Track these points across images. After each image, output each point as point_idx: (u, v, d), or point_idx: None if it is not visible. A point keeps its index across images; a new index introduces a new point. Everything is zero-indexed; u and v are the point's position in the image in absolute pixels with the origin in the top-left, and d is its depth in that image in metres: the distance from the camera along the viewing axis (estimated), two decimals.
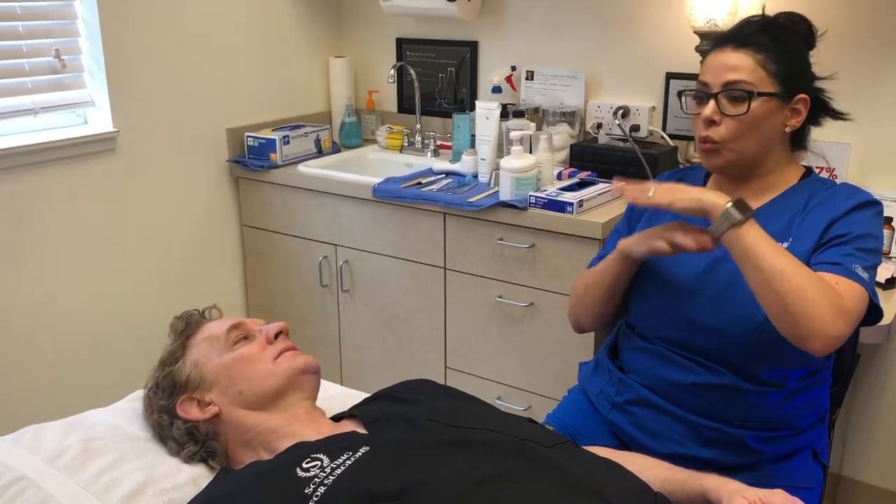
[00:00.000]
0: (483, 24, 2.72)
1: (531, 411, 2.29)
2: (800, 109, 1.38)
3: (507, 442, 1.09)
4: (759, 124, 1.35)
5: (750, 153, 1.38)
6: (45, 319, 2.28)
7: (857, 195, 1.37)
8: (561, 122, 2.51)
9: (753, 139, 1.37)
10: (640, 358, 1.48)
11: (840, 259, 1.28)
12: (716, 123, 1.37)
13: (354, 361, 2.66)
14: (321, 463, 1.04)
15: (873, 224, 1.34)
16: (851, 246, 1.30)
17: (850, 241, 1.30)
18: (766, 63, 1.35)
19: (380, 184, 2.38)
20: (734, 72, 1.35)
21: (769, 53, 1.35)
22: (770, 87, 1.35)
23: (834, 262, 1.28)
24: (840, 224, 1.33)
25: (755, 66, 1.34)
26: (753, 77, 1.34)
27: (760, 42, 1.35)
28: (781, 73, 1.35)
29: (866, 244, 1.31)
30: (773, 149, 1.40)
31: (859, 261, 1.28)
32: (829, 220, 1.33)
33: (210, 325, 1.34)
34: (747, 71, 1.34)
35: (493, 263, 2.25)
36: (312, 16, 2.91)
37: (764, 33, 1.36)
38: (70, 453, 1.20)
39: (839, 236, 1.31)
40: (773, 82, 1.35)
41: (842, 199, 1.36)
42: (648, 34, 2.43)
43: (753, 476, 1.37)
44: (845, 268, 1.26)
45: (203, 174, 2.64)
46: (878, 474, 2.29)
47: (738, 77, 1.34)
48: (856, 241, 1.30)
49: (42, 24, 2.22)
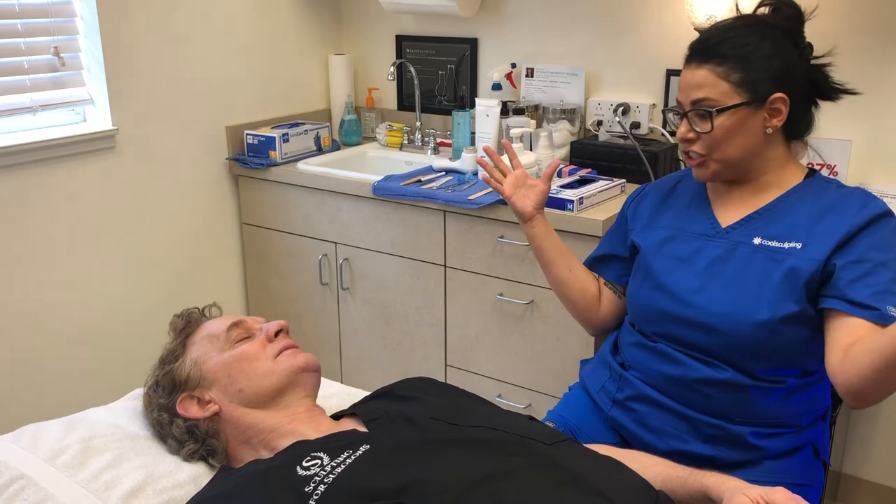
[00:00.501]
0: (483, 21, 2.71)
1: (532, 409, 2.29)
2: (779, 108, 1.35)
3: (507, 440, 1.09)
4: (734, 134, 1.35)
5: (734, 160, 1.38)
6: (44, 318, 2.28)
7: (872, 204, 1.33)
8: (561, 119, 2.50)
9: (733, 148, 1.36)
10: (641, 355, 1.48)
11: (874, 301, 1.24)
12: (692, 140, 1.38)
13: (354, 359, 2.66)
14: (321, 461, 1.04)
15: (893, 242, 1.31)
16: (885, 277, 1.26)
17: (876, 270, 1.26)
18: (728, 74, 1.33)
19: (380, 181, 2.38)
20: (698, 90, 1.35)
21: (731, 63, 1.33)
22: (736, 97, 1.33)
23: (869, 305, 1.24)
24: (861, 241, 1.29)
25: (717, 81, 1.33)
26: (716, 92, 1.33)
27: (721, 52, 1.33)
28: (748, 79, 1.33)
29: (891, 271, 1.27)
30: (762, 150, 1.38)
31: (893, 299, 1.25)
32: (847, 231, 1.30)
33: (210, 323, 1.33)
34: (709, 87, 1.34)
35: (493, 261, 2.25)
36: (312, 13, 2.90)
37: (725, 43, 1.34)
38: (70, 452, 1.20)
39: (862, 260, 1.28)
40: (738, 92, 1.33)
41: (857, 207, 1.32)
42: (649, 31, 2.43)
43: (754, 473, 1.37)
44: (882, 314, 1.23)
45: (203, 172, 2.64)
46: (879, 471, 2.29)
47: (702, 95, 1.35)
48: (881, 272, 1.26)
49: (41, 22, 2.22)
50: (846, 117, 2.13)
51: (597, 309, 1.62)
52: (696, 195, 1.50)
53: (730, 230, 1.41)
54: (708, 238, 1.43)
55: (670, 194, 1.55)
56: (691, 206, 1.49)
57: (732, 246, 1.39)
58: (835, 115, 1.56)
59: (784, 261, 1.33)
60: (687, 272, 1.42)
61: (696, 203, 1.49)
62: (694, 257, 1.42)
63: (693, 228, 1.46)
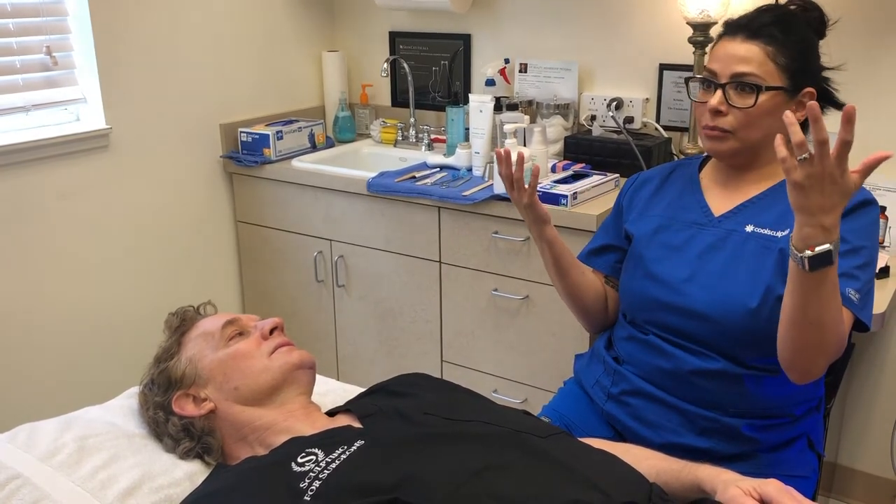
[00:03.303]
0: (476, 16, 2.71)
1: (527, 403, 2.30)
2: (806, 102, 1.37)
3: (502, 434, 1.09)
4: (765, 117, 1.35)
5: (754, 142, 1.38)
6: (39, 316, 2.27)
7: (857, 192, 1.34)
8: (555, 114, 2.51)
9: (758, 130, 1.37)
10: (634, 349, 1.48)
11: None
12: (722, 113, 1.37)
13: (350, 356, 2.66)
14: (316, 457, 1.04)
15: (871, 232, 1.33)
16: (848, 263, 1.28)
17: (848, 254, 1.28)
18: (776, 56, 1.34)
19: (374, 178, 2.38)
20: (744, 63, 1.34)
21: (780, 46, 1.34)
22: (779, 80, 1.34)
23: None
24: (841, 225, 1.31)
25: (765, 59, 1.34)
26: (763, 70, 1.34)
27: (772, 34, 1.34)
28: (791, 66, 1.35)
29: (861, 258, 1.30)
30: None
31: (853, 283, 1.27)
32: None
33: (205, 321, 1.34)
34: (757, 63, 1.34)
35: (487, 257, 2.25)
36: (305, 10, 2.90)
37: (776, 25, 1.35)
38: (65, 451, 1.20)
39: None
40: (781, 76, 1.34)
41: None
42: (642, 25, 2.43)
43: (749, 465, 1.38)
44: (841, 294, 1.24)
45: (197, 170, 2.64)
46: (873, 463, 2.30)
47: (748, 69, 1.34)
48: (852, 257, 1.29)
49: (33, 22, 2.21)
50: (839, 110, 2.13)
51: (605, 310, 1.62)
52: (689, 184, 1.51)
53: (722, 219, 1.42)
54: (700, 227, 1.43)
55: (664, 183, 1.55)
56: (684, 195, 1.50)
57: (725, 234, 1.40)
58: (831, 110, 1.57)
59: (775, 247, 1.34)
60: (679, 261, 1.42)
61: (690, 192, 1.50)
62: (686, 246, 1.43)
63: (686, 217, 1.46)
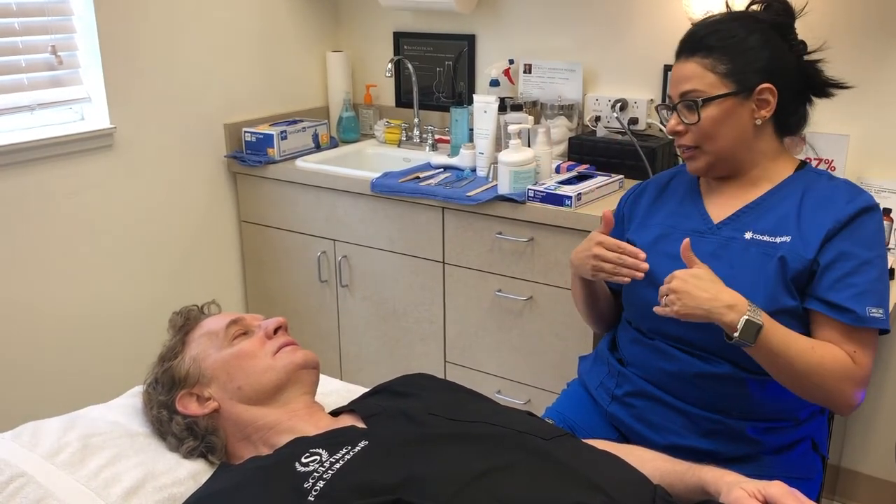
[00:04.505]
0: (480, 17, 2.71)
1: (531, 405, 2.30)
2: (767, 99, 1.37)
3: (505, 435, 1.09)
4: (721, 125, 1.37)
5: (726, 151, 1.40)
6: (43, 316, 2.28)
7: (858, 198, 1.35)
8: (559, 115, 2.51)
9: (722, 139, 1.38)
10: (638, 351, 1.48)
11: (853, 303, 1.27)
12: (681, 133, 1.41)
13: (353, 356, 2.66)
14: (320, 458, 1.04)
15: (877, 239, 1.33)
16: (868, 277, 1.28)
17: (860, 269, 1.29)
18: (714, 66, 1.36)
19: (378, 178, 2.38)
20: (686, 82, 1.38)
21: (717, 55, 1.36)
22: (722, 87, 1.36)
23: (846, 308, 1.28)
24: (844, 236, 1.31)
25: (704, 72, 1.37)
26: (703, 83, 1.36)
27: (707, 46, 1.37)
28: (734, 70, 1.36)
29: (875, 271, 1.30)
30: (752, 142, 1.40)
31: (873, 299, 1.28)
32: (832, 226, 1.31)
33: (209, 320, 1.34)
34: (697, 79, 1.37)
35: (491, 257, 2.25)
36: (309, 10, 2.90)
37: (710, 36, 1.37)
38: (69, 450, 1.20)
39: (844, 255, 1.30)
40: (725, 82, 1.36)
41: (844, 202, 1.34)
42: (646, 27, 2.43)
43: (753, 467, 1.37)
44: (859, 317, 1.27)
45: (201, 170, 2.64)
46: (877, 465, 2.29)
47: (689, 87, 1.38)
48: (866, 270, 1.29)
49: (38, 21, 2.22)
50: (844, 112, 2.12)
51: (618, 313, 1.62)
52: (688, 191, 1.51)
53: (721, 226, 1.42)
54: (700, 235, 1.43)
55: (664, 191, 1.55)
56: (684, 203, 1.50)
57: (725, 242, 1.40)
58: (832, 110, 1.56)
59: (775, 255, 1.33)
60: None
61: (689, 199, 1.50)
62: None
63: (686, 225, 1.46)
